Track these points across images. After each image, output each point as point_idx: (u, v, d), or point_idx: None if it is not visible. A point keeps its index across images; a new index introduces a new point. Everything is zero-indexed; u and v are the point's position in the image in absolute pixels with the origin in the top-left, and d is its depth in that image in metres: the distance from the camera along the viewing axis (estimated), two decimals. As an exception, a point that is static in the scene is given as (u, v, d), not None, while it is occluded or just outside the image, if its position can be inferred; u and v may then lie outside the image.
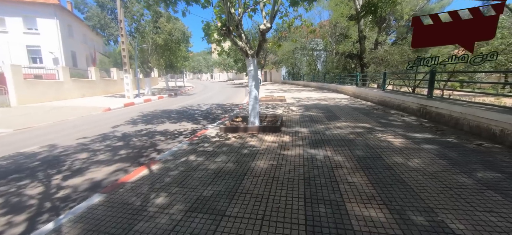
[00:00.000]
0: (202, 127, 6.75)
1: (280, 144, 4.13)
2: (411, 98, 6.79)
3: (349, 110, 7.78)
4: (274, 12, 4.98)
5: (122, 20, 15.19)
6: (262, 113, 7.77)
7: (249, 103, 5.54)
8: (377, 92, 9.33)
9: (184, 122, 7.64)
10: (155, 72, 34.58)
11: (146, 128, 6.92)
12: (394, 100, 7.89)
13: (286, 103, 10.20)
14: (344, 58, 20.34)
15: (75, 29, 27.29)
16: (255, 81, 5.49)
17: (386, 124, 5.55)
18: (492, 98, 9.48)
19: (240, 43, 5.17)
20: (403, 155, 3.37)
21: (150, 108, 11.51)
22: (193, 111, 9.88)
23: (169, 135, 5.87)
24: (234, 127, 5.19)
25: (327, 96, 12.78)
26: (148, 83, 18.57)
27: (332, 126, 5.51)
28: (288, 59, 26.42)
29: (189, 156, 3.75)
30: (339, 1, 19.51)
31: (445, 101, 5.45)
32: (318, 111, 7.83)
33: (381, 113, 7.10)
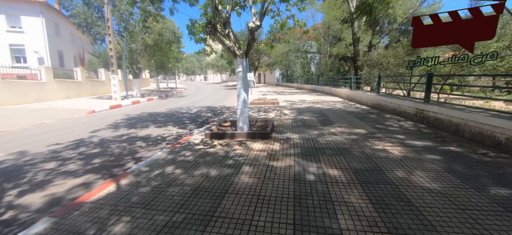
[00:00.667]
0: (188, 132, 6.32)
1: (269, 153, 3.74)
2: (407, 102, 6.53)
3: (344, 114, 7.47)
4: (263, 9, 4.62)
5: (109, 19, 14.60)
6: (253, 117, 7.39)
7: (238, 107, 5.14)
8: (372, 96, 9.08)
9: (170, 126, 7.18)
10: (145, 73, 33.83)
11: (128, 132, 6.44)
12: (389, 104, 7.63)
13: (278, 107, 9.85)
14: (338, 60, 20.20)
15: (63, 28, 26.37)
16: (244, 84, 5.10)
17: (382, 129, 5.24)
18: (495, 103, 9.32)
19: (227, 43, 4.79)
20: (405, 167, 3.03)
21: (136, 111, 10.97)
22: (182, 115, 9.42)
23: (151, 141, 5.41)
24: (220, 133, 4.78)
25: (321, 99, 12.51)
26: (137, 85, 17.95)
27: (326, 131, 5.17)
28: (281, 61, 26.17)
29: (166, 167, 3.32)
30: (332, 4, 19.39)
31: (444, 106, 5.19)
32: (311, 115, 7.49)
33: (376, 117, 6.81)
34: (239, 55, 4.96)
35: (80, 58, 31.16)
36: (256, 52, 29.48)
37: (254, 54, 29.63)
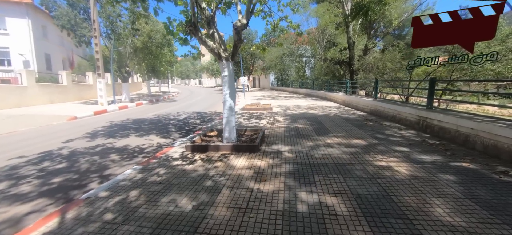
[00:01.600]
0: (170, 142, 5.74)
1: (256, 171, 3.20)
2: (408, 109, 6.09)
3: (340, 122, 7.00)
4: (251, 6, 4.12)
5: (95, 20, 13.97)
6: (243, 125, 6.85)
7: (223, 116, 4.60)
8: (369, 101, 8.66)
9: (153, 134, 6.59)
10: (136, 77, 33.00)
11: (104, 142, 5.82)
12: (388, 110, 7.20)
13: (271, 113, 9.34)
14: (333, 64, 19.86)
15: (51, 31, 25.50)
16: (230, 89, 4.57)
17: (383, 140, 4.76)
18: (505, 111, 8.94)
19: (211, 44, 4.26)
20: (417, 192, 2.53)
21: (122, 117, 10.32)
22: (168, 121, 8.82)
23: (127, 154, 4.81)
24: (203, 146, 4.22)
25: (316, 105, 12.06)
26: (125, 89, 17.25)
27: (321, 142, 4.66)
28: (276, 65, 25.76)
29: (130, 191, 2.75)
30: (326, 9, 19.09)
31: (449, 114, 4.74)
32: (306, 122, 7.00)
33: (375, 125, 6.35)
34: (224, 57, 4.44)
35: (69, 61, 30.23)
36: (250, 56, 29.07)
37: (248, 58, 29.22)
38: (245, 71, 30.15)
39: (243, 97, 17.92)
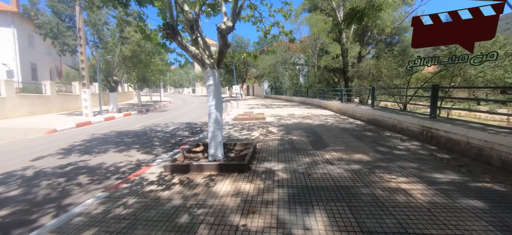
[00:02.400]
0: (152, 158, 5.15)
1: (243, 199, 2.67)
2: (410, 118, 5.68)
3: (338, 132, 6.54)
4: (237, 7, 3.67)
5: (81, 28, 13.40)
6: (233, 138, 6.32)
7: (209, 130, 4.08)
8: (366, 110, 8.27)
9: (134, 150, 5.98)
10: (126, 86, 32.15)
11: (77, 160, 5.19)
12: (387, 119, 6.79)
13: (265, 123, 8.84)
14: (327, 72, 19.65)
15: (38, 40, 24.65)
16: (216, 100, 4.06)
17: (387, 154, 4.30)
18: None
19: (193, 49, 3.77)
20: (440, 227, 2.04)
21: (105, 129, 9.65)
22: (154, 134, 8.21)
23: (99, 175, 4.21)
24: (184, 165, 3.66)
25: (311, 113, 11.64)
26: (113, 99, 16.54)
27: (319, 158, 4.16)
28: (269, 73, 25.44)
29: (83, 233, 2.17)
30: (318, 18, 19.01)
31: (458, 124, 4.33)
32: (301, 134, 6.51)
33: (375, 136, 5.91)
34: (208, 64, 3.95)
35: (57, 70, 29.34)
36: (243, 64, 28.75)
37: (241, 67, 28.89)
38: (239, 80, 29.75)
39: (236, 106, 17.41)
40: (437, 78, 8.94)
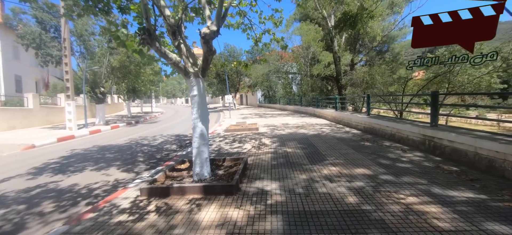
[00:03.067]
0: (132, 177, 4.66)
1: (229, 232, 2.23)
2: (409, 127, 5.38)
3: (334, 143, 6.19)
4: (221, 10, 3.32)
5: (66, 39, 12.89)
6: (223, 151, 5.87)
7: (193, 146, 3.64)
8: (362, 118, 7.98)
9: (114, 167, 5.46)
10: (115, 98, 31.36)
11: (48, 182, 4.64)
12: (385, 128, 6.50)
13: (257, 133, 8.44)
14: (320, 80, 19.53)
15: (24, 51, 23.96)
16: (201, 112, 3.65)
17: (390, 167, 3.94)
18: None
19: (173, 57, 3.39)
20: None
21: (88, 144, 9.03)
22: (140, 148, 7.67)
23: (68, 200, 3.68)
24: (163, 188, 3.20)
25: (305, 122, 11.31)
26: (100, 111, 15.86)
27: (317, 174, 3.77)
28: (262, 82, 25.22)
29: None
30: (309, 28, 19.05)
31: (463, 133, 4.03)
32: (296, 145, 6.13)
33: (374, 146, 5.58)
34: (192, 73, 3.55)
35: (43, 82, 28.40)
36: (236, 73, 28.53)
37: (234, 76, 28.65)
38: (231, 89, 29.42)
39: (229, 116, 16.98)
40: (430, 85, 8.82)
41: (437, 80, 7.70)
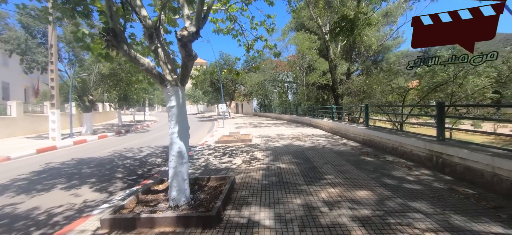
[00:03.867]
0: (104, 198, 4.09)
1: None
2: (414, 141, 4.94)
3: (332, 157, 5.71)
4: (202, 8, 2.88)
5: (53, 45, 12.37)
6: (210, 167, 5.33)
7: (169, 165, 3.12)
8: (361, 130, 7.54)
9: (87, 185, 4.86)
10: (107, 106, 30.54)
11: (5, 204, 4.04)
12: (386, 141, 6.05)
13: (250, 146, 7.92)
14: (316, 89, 19.21)
15: (13, 57, 23.38)
16: (179, 126, 3.15)
17: (398, 189, 3.46)
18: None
19: (145, 62, 2.91)
20: None
21: (68, 156, 8.39)
22: (122, 161, 7.08)
23: (18, 230, 3.09)
24: (129, 219, 2.64)
25: (301, 133, 10.84)
26: (88, 120, 15.16)
27: (314, 198, 3.26)
28: (258, 91, 24.84)
29: None
30: (304, 37, 18.91)
31: (477, 150, 3.59)
32: (290, 160, 5.62)
33: (376, 162, 5.11)
34: (169, 81, 3.07)
35: (33, 90, 27.60)
36: (231, 82, 28.15)
37: (230, 84, 28.25)
38: (226, 98, 28.95)
39: (222, 125, 16.45)
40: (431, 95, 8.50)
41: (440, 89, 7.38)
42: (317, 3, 13.26)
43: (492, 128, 16.96)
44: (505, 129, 17.68)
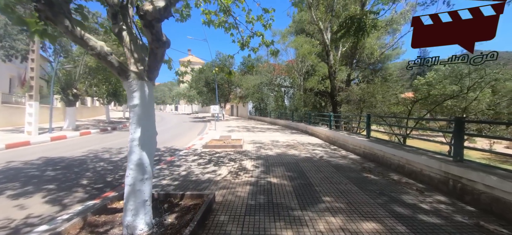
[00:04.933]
0: (56, 211, 3.34)
1: None
2: (425, 160, 4.32)
3: (330, 173, 5.05)
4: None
5: (35, 32, 11.49)
6: (189, 179, 4.59)
7: (126, 182, 2.41)
8: (361, 141, 6.92)
9: (41, 194, 4.08)
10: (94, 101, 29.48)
11: None
12: (391, 157, 5.42)
13: (240, 152, 7.22)
14: (314, 95, 18.64)
15: (-3, 45, 22.23)
16: (143, 130, 2.45)
17: (412, 222, 2.80)
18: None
19: (97, 45, 2.20)
20: None
21: (38, 153, 7.54)
22: (94, 164, 6.28)
23: None
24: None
25: (296, 141, 10.19)
26: (70, 115, 14.22)
27: (310, 231, 2.58)
28: (253, 94, 24.15)
29: None
30: (305, 41, 18.43)
31: (508, 178, 2.97)
32: (283, 174, 4.94)
33: (381, 181, 4.46)
34: (133, 73, 2.37)
35: (19, 79, 26.42)
36: (227, 83, 27.42)
37: (225, 85, 27.51)
38: (221, 99, 28.17)
39: (214, 128, 15.69)
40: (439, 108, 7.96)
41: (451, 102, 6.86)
42: (318, 6, 12.73)
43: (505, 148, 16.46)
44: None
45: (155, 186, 4.21)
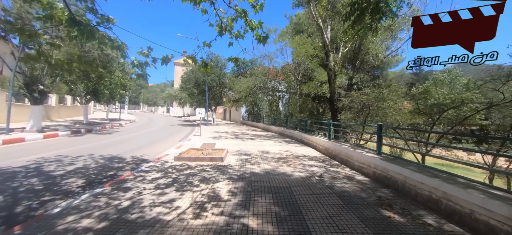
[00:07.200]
0: None
1: None
2: (481, 199, 2.90)
3: (336, 208, 3.58)
4: None
5: (-8, 17, 9.90)
6: (125, 219, 3.04)
7: None
8: (370, 158, 5.51)
9: None
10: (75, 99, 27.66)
11: None
12: (417, 185, 3.99)
13: (219, 168, 5.71)
14: (311, 100, 17.26)
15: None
16: None
17: None
18: None
19: None
20: None
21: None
22: (23, 181, 4.69)
23: None
24: None
25: (290, 152, 8.73)
26: (36, 114, 12.51)
27: None
28: (246, 97, 22.70)
29: None
30: (303, 42, 17.20)
31: None
32: (269, 209, 3.45)
33: (410, 226, 3.02)
34: None
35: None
36: (219, 85, 25.90)
37: (217, 88, 25.98)
38: (211, 102, 26.61)
39: (199, 133, 14.15)
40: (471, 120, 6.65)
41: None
42: (318, 1, 11.45)
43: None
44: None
45: (67, 230, 2.68)
